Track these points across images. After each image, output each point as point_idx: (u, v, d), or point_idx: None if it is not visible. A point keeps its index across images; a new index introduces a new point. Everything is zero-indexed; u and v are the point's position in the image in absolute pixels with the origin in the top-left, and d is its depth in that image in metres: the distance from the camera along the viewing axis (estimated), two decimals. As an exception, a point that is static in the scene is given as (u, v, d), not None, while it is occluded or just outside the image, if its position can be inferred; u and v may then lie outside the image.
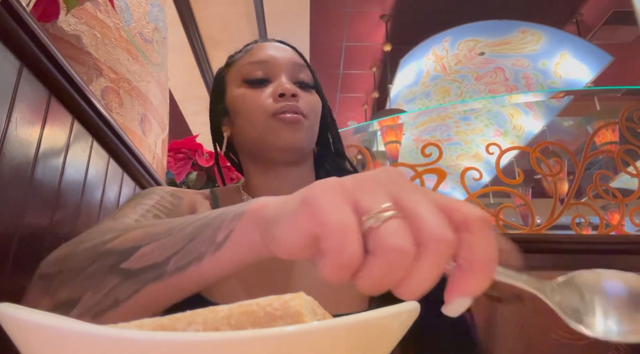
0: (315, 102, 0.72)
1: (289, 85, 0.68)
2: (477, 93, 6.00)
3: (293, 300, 0.23)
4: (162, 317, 0.24)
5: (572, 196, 1.63)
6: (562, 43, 5.09)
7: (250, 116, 0.69)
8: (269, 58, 0.71)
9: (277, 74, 0.71)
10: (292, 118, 0.66)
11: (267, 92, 0.69)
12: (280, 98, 0.67)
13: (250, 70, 0.71)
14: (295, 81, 0.71)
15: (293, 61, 0.73)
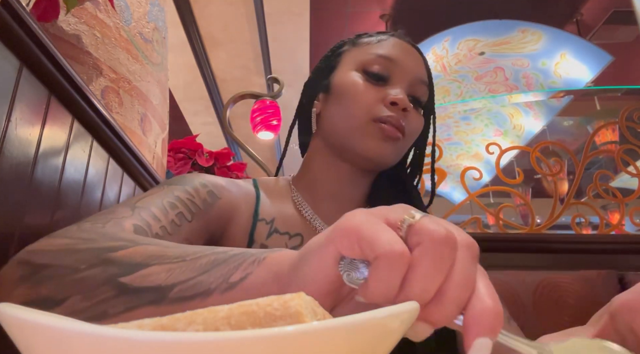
0: (419, 123, 0.68)
1: (404, 96, 0.64)
2: (477, 93, 6.00)
3: (293, 300, 0.23)
4: (161, 317, 0.24)
5: (572, 196, 1.63)
6: (562, 43, 5.09)
7: (351, 107, 0.64)
8: (400, 59, 0.67)
9: (399, 80, 0.66)
10: (392, 132, 0.63)
11: (380, 92, 0.64)
12: (391, 106, 0.63)
13: (375, 61, 0.66)
14: (411, 95, 0.67)
15: (419, 73, 0.68)
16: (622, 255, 1.19)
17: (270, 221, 0.64)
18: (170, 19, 2.82)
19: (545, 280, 1.01)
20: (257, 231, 0.62)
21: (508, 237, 1.22)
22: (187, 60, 4.10)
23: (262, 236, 0.62)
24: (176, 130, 4.59)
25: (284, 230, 0.63)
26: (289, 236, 0.63)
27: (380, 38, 0.70)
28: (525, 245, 1.20)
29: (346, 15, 4.94)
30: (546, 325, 0.96)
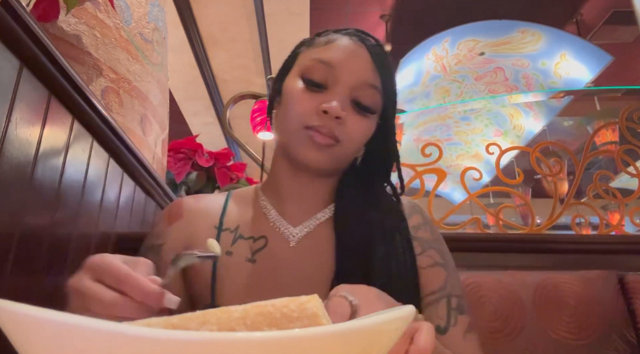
0: (362, 128, 0.66)
1: (336, 104, 0.62)
2: (477, 93, 6.00)
3: (309, 302, 0.24)
4: (171, 317, 0.24)
5: (572, 196, 1.63)
6: (562, 43, 5.08)
7: (289, 115, 0.65)
8: (341, 64, 0.65)
9: (338, 86, 0.65)
10: (320, 139, 0.63)
11: (317, 100, 0.64)
12: (322, 115, 0.63)
13: (312, 68, 0.66)
14: (355, 100, 0.65)
15: (363, 77, 0.66)
16: (622, 255, 1.19)
17: (235, 229, 0.68)
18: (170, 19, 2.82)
19: (545, 280, 1.01)
20: (221, 241, 0.66)
21: (508, 237, 1.22)
22: (187, 60, 4.10)
23: (227, 244, 0.66)
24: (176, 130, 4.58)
25: (249, 234, 0.67)
26: (253, 240, 0.66)
27: (329, 38, 0.69)
28: (525, 245, 1.19)
29: (346, 15, 4.94)
30: (546, 325, 0.96)
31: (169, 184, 1.60)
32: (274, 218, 0.68)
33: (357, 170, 0.73)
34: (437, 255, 0.67)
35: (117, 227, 0.97)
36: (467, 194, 1.69)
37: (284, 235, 0.66)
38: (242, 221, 0.69)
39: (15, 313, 0.21)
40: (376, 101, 0.67)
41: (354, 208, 0.67)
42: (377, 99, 0.67)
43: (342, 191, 0.70)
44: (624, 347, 0.95)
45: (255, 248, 0.65)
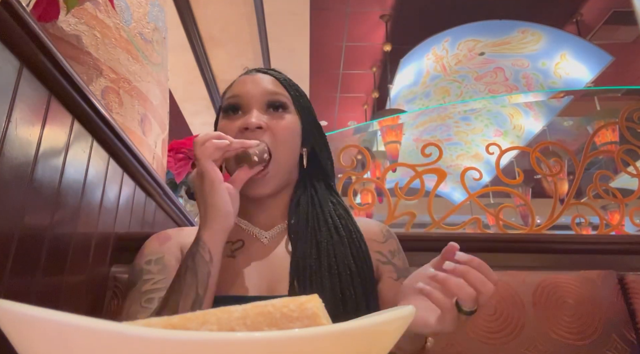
0: (285, 127, 0.77)
1: (254, 118, 0.74)
2: (477, 93, 6.00)
3: (310, 302, 0.24)
4: (170, 316, 0.24)
5: (572, 196, 1.63)
6: (562, 43, 5.09)
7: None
8: (243, 90, 0.78)
9: (249, 106, 0.77)
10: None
11: (236, 124, 0.76)
12: (246, 132, 0.74)
13: (226, 104, 0.79)
14: (268, 104, 0.78)
15: (266, 90, 0.78)
16: (622, 255, 1.19)
17: None
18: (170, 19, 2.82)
19: (545, 280, 1.01)
20: None
21: (508, 237, 1.22)
22: (187, 60, 4.10)
23: None
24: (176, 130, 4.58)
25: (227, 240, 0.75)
26: (232, 243, 0.77)
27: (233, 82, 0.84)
28: (525, 245, 1.19)
29: (346, 15, 4.94)
30: (546, 325, 0.96)
31: (169, 184, 1.60)
32: (248, 226, 0.79)
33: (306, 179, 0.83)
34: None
35: (117, 227, 0.97)
36: (467, 194, 1.69)
37: (257, 237, 0.78)
38: None
39: (15, 313, 0.21)
40: (285, 100, 0.79)
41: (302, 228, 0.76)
42: (285, 100, 0.79)
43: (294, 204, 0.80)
44: (624, 347, 0.95)
45: (234, 248, 0.77)
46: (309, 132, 0.82)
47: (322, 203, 0.79)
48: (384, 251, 0.78)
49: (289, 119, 0.79)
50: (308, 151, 0.83)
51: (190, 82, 4.35)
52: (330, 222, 0.76)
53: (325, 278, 0.68)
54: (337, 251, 0.71)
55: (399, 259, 0.79)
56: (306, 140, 0.82)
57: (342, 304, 0.67)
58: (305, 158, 0.83)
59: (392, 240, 0.81)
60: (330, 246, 0.72)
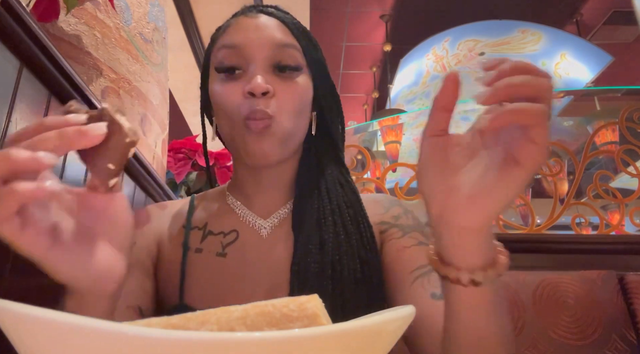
0: (296, 93, 0.63)
1: (260, 80, 0.59)
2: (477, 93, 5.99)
3: (309, 302, 0.24)
4: (170, 317, 0.24)
5: (572, 196, 1.63)
6: (562, 43, 5.09)
7: (225, 115, 0.63)
8: (243, 42, 0.62)
9: (252, 62, 0.62)
10: (258, 125, 0.60)
11: (239, 85, 0.61)
12: (250, 97, 0.60)
13: (222, 56, 0.63)
14: (276, 65, 0.62)
15: (273, 42, 0.63)
16: (622, 255, 1.19)
17: (203, 226, 0.67)
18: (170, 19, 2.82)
19: (545, 280, 1.01)
20: (190, 239, 0.66)
21: (508, 237, 1.22)
22: (187, 60, 4.10)
23: (196, 242, 0.66)
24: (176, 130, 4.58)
25: (218, 230, 0.66)
26: (223, 234, 0.65)
27: (226, 24, 0.67)
28: (525, 245, 1.19)
29: (346, 15, 4.94)
30: (546, 325, 0.96)
31: (169, 184, 1.60)
32: (243, 212, 0.67)
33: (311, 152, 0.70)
34: (420, 236, 0.65)
35: (117, 227, 0.97)
36: (467, 194, 1.69)
37: (254, 227, 0.66)
38: (210, 218, 0.68)
39: (15, 313, 0.21)
40: (297, 58, 0.64)
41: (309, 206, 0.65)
42: (297, 56, 0.64)
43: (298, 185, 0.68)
44: (624, 347, 0.95)
45: (226, 242, 0.65)
46: (320, 92, 0.68)
47: (329, 187, 0.66)
48: (386, 218, 0.68)
49: (301, 82, 0.64)
50: (317, 115, 0.69)
51: (190, 82, 4.35)
52: (338, 214, 0.64)
53: (328, 285, 0.58)
54: (342, 252, 0.61)
55: (407, 218, 0.68)
56: (316, 102, 0.68)
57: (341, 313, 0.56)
58: (315, 124, 0.69)
59: (395, 207, 0.70)
60: (336, 246, 0.61)
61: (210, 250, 0.64)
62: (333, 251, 0.60)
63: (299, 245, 0.62)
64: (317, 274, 0.58)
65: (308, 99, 0.66)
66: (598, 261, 1.16)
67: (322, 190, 0.66)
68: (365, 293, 0.60)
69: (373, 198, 0.72)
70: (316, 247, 0.61)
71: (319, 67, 0.68)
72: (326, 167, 0.69)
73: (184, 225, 0.68)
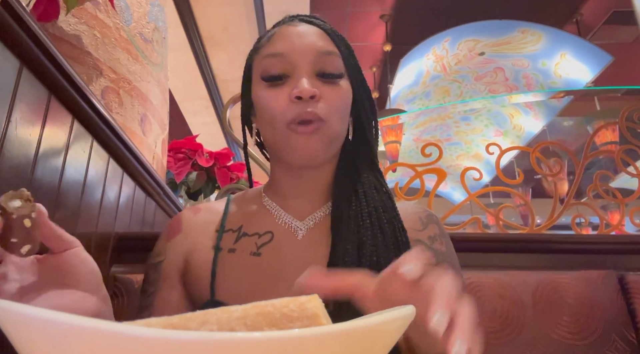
0: (340, 96, 0.65)
1: (307, 84, 0.62)
2: (477, 93, 6.00)
3: (309, 302, 0.24)
4: (170, 317, 0.24)
5: (572, 196, 1.63)
6: (562, 43, 5.09)
7: (269, 120, 0.65)
8: (287, 50, 0.65)
9: (297, 68, 0.64)
10: (305, 130, 0.62)
11: (285, 92, 0.64)
12: (298, 101, 0.62)
13: (267, 64, 0.66)
14: (319, 73, 0.65)
15: (316, 49, 0.65)
16: (622, 255, 1.19)
17: (238, 229, 0.69)
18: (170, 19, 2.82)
19: (545, 280, 1.01)
20: (223, 242, 0.67)
21: (508, 237, 1.22)
22: (187, 60, 4.10)
23: (229, 243, 0.67)
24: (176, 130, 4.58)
25: (253, 231, 0.67)
26: (258, 235, 0.66)
27: (270, 33, 0.70)
28: (525, 245, 1.19)
29: (346, 15, 4.94)
30: (546, 325, 0.96)
31: (169, 184, 1.60)
32: (280, 213, 0.68)
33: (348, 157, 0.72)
34: (450, 266, 0.67)
35: (117, 227, 0.97)
36: (467, 194, 1.69)
37: (290, 229, 0.67)
38: (246, 220, 0.69)
39: (15, 313, 0.21)
40: (339, 65, 0.67)
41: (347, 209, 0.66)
42: (338, 63, 0.67)
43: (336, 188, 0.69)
44: (624, 347, 0.95)
45: (260, 242, 0.65)
46: (358, 97, 0.70)
47: (366, 191, 0.67)
48: (423, 238, 0.68)
49: (344, 87, 0.66)
50: (354, 120, 0.71)
51: (190, 82, 4.35)
52: (375, 216, 0.65)
53: None
54: (380, 254, 0.61)
55: (441, 243, 0.69)
56: (354, 107, 0.70)
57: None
58: (352, 129, 0.71)
59: (432, 225, 0.71)
60: (374, 248, 0.61)
61: (244, 249, 0.65)
62: (371, 253, 0.61)
63: (337, 245, 0.62)
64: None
65: (349, 104, 0.68)
66: (598, 261, 1.16)
67: (359, 194, 0.67)
68: None
69: (411, 209, 0.72)
70: (354, 248, 0.61)
71: (357, 74, 0.70)
72: (362, 171, 0.70)
73: (216, 230, 0.69)
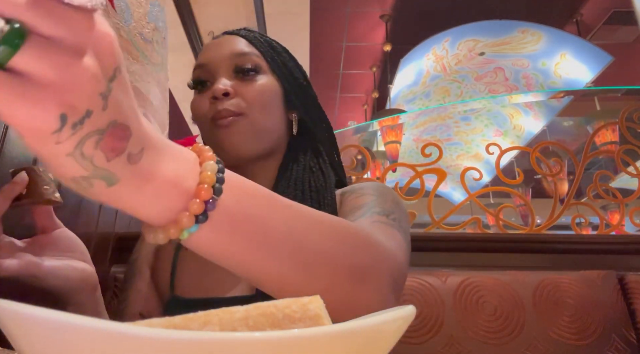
0: (257, 90, 0.68)
1: (220, 84, 0.67)
2: (477, 93, 6.00)
3: (312, 303, 0.24)
4: (172, 317, 0.24)
5: (572, 196, 1.63)
6: (562, 43, 5.09)
7: (198, 122, 0.71)
8: (207, 60, 0.71)
9: (216, 73, 0.70)
10: (223, 122, 0.66)
11: (207, 96, 0.69)
12: (215, 101, 0.67)
13: (194, 75, 0.72)
14: (235, 70, 0.69)
15: (231, 52, 0.70)
16: (622, 255, 1.19)
17: None
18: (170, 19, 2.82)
19: (545, 280, 1.01)
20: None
21: (508, 237, 1.22)
22: (187, 60, 4.10)
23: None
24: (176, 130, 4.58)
25: None
26: None
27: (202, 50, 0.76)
28: (525, 245, 1.20)
29: (346, 15, 4.94)
30: (546, 325, 0.96)
31: (169, 184, 1.59)
32: None
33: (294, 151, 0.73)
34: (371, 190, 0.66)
35: (117, 227, 0.97)
36: (467, 194, 1.69)
37: None
38: None
39: (15, 313, 0.21)
40: (256, 61, 0.70)
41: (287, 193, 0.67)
42: (256, 60, 0.70)
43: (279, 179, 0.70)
44: (624, 347, 0.95)
45: None
46: (292, 93, 0.73)
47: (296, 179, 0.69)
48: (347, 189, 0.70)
49: (262, 81, 0.70)
50: (298, 117, 0.74)
51: (190, 82, 4.35)
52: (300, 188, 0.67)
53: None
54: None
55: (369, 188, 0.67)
56: (291, 104, 0.73)
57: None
58: (296, 126, 0.73)
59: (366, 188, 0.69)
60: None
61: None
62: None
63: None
64: None
65: (273, 97, 0.70)
66: (598, 261, 1.16)
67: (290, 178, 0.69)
68: None
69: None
70: None
71: (285, 70, 0.73)
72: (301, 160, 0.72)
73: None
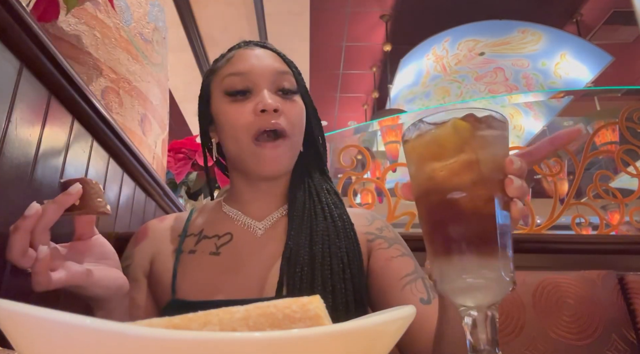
0: (298, 111, 0.73)
1: (270, 99, 0.69)
2: (477, 93, 6.00)
3: (312, 303, 0.24)
4: (173, 317, 0.24)
5: (572, 196, 1.63)
6: (562, 43, 5.09)
7: (233, 133, 0.70)
8: (249, 69, 0.72)
9: (259, 85, 0.71)
10: (271, 147, 0.69)
11: (248, 107, 0.70)
12: (262, 114, 0.68)
13: (230, 82, 0.72)
14: (278, 89, 0.72)
15: (274, 69, 0.73)
16: (622, 255, 1.19)
17: (199, 233, 0.74)
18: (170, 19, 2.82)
19: (545, 280, 1.01)
20: (184, 245, 0.73)
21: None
22: (187, 60, 4.10)
23: (190, 245, 0.72)
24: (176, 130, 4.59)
25: (213, 234, 0.73)
26: (218, 237, 0.72)
27: (228, 56, 0.77)
28: (525, 245, 1.19)
29: (346, 15, 4.94)
30: (546, 325, 0.96)
31: (169, 184, 1.60)
32: (239, 217, 0.74)
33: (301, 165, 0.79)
34: (402, 248, 0.74)
35: (117, 227, 0.97)
36: (467, 194, 1.69)
37: (249, 229, 0.73)
38: (206, 225, 0.75)
39: (15, 313, 0.21)
40: (293, 82, 0.74)
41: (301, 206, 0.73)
42: (293, 81, 0.74)
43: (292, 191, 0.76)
44: (624, 347, 0.95)
45: (220, 243, 0.71)
46: (310, 115, 0.78)
47: (318, 191, 0.75)
48: (372, 230, 0.75)
49: (300, 103, 0.75)
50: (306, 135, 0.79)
51: (190, 82, 4.35)
52: (327, 211, 0.72)
53: (317, 270, 0.65)
54: (331, 243, 0.68)
55: (389, 231, 0.76)
56: (310, 125, 0.79)
57: (331, 298, 0.64)
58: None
59: (377, 220, 0.78)
60: (325, 237, 0.68)
61: (203, 250, 0.71)
62: (323, 241, 0.68)
63: (292, 235, 0.68)
64: (307, 261, 0.65)
65: (305, 118, 0.76)
66: (598, 261, 1.16)
67: (312, 195, 0.75)
68: (351, 279, 0.67)
69: (355, 211, 0.79)
70: (307, 237, 0.68)
71: (305, 90, 0.78)
72: (314, 177, 0.78)
73: (179, 234, 0.75)
